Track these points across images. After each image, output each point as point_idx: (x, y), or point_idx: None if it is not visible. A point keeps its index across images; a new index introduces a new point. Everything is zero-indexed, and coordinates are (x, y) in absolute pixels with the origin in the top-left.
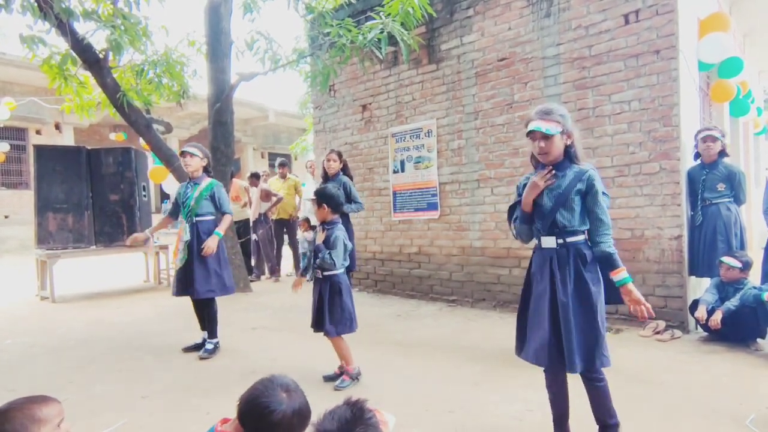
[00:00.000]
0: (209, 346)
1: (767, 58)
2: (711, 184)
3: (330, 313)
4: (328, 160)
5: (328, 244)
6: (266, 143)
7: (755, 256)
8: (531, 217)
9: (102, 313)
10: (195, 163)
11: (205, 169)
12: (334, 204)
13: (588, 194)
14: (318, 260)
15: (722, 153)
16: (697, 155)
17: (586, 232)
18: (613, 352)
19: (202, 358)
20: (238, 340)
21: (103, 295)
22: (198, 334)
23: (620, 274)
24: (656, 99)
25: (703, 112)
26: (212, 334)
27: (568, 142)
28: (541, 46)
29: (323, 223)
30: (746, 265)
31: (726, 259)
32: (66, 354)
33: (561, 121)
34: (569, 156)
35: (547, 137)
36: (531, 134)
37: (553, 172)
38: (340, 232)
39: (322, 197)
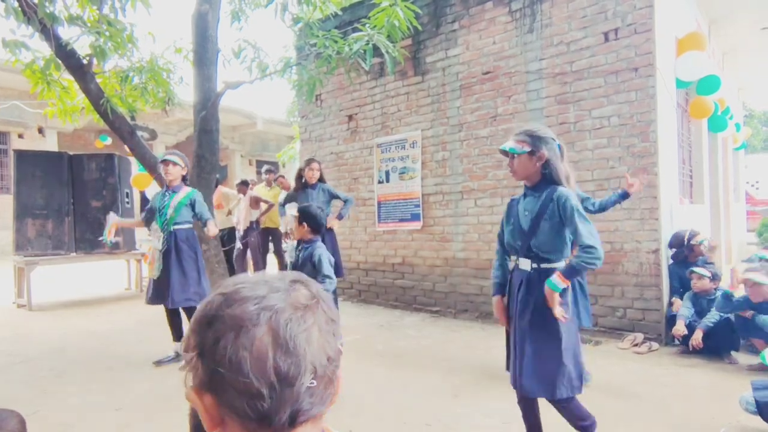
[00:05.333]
0: None
1: (746, 76)
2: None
3: None
4: (312, 170)
5: (312, 264)
6: (254, 150)
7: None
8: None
9: (80, 322)
10: (176, 172)
11: (183, 178)
12: (316, 224)
13: (565, 218)
14: None
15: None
16: (677, 255)
17: (564, 261)
18: (592, 364)
19: None
20: None
21: (82, 303)
22: (170, 347)
23: (556, 278)
24: (635, 115)
25: (681, 128)
26: None
27: (539, 164)
28: (524, 61)
29: (301, 241)
30: (715, 276)
31: (697, 269)
32: (41, 363)
33: (528, 141)
34: (546, 178)
35: (512, 156)
36: (503, 153)
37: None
38: (320, 250)
39: (304, 216)
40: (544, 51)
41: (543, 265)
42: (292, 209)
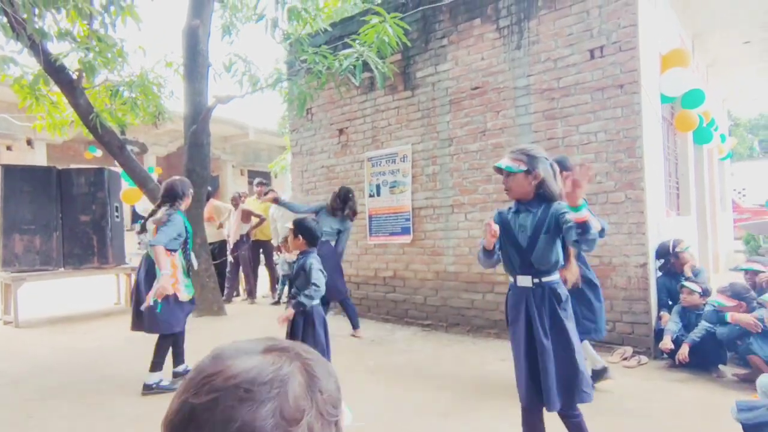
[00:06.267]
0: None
1: (730, 86)
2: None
3: None
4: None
5: (305, 272)
6: (246, 161)
7: (723, 278)
8: (491, 252)
9: (68, 339)
10: None
11: None
12: (311, 236)
13: (559, 226)
14: (294, 301)
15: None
16: (664, 265)
17: (561, 271)
18: None
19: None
20: None
21: (71, 320)
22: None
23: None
24: (621, 131)
25: (667, 141)
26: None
27: (534, 183)
28: (513, 77)
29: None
30: (705, 292)
31: (688, 284)
32: (28, 384)
33: (525, 160)
34: (540, 196)
35: (508, 174)
36: (498, 171)
37: (492, 228)
38: (312, 259)
39: (300, 229)
40: (531, 67)
41: (544, 279)
42: (287, 222)
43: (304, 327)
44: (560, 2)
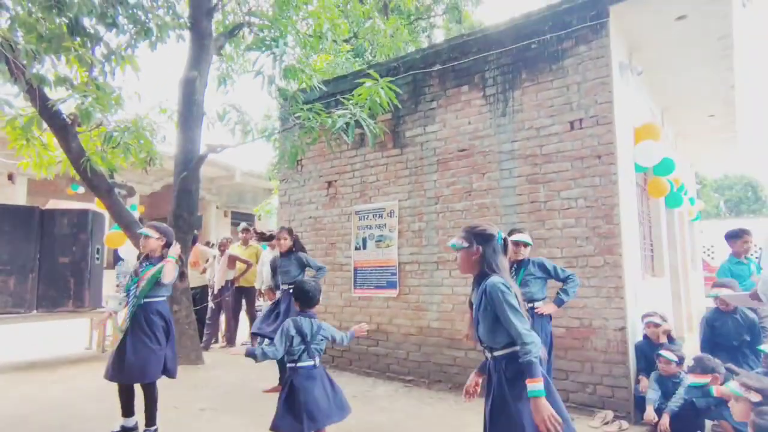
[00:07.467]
0: None
1: (697, 151)
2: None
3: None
4: (278, 239)
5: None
6: (230, 202)
7: (697, 338)
8: None
9: (35, 389)
10: (150, 245)
11: (166, 246)
12: (307, 300)
13: (494, 306)
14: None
15: (669, 337)
16: (645, 336)
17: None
18: None
19: None
20: (182, 425)
21: (40, 366)
22: (116, 421)
23: (532, 385)
24: (599, 198)
25: (642, 205)
26: (152, 420)
27: (474, 258)
28: (498, 142)
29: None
30: (681, 360)
31: (664, 353)
32: None
33: (465, 236)
34: (482, 272)
35: (456, 250)
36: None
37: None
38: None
39: (299, 295)
40: (515, 134)
41: (495, 353)
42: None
43: (330, 384)
44: (542, 77)
